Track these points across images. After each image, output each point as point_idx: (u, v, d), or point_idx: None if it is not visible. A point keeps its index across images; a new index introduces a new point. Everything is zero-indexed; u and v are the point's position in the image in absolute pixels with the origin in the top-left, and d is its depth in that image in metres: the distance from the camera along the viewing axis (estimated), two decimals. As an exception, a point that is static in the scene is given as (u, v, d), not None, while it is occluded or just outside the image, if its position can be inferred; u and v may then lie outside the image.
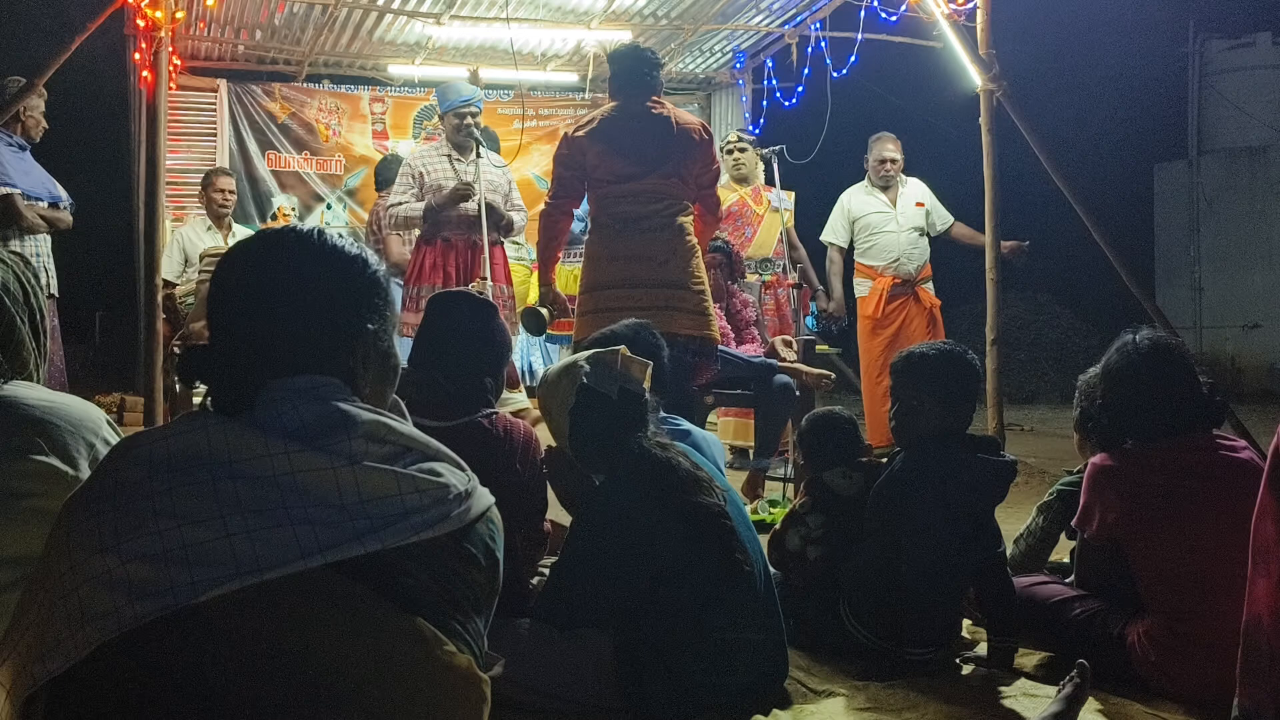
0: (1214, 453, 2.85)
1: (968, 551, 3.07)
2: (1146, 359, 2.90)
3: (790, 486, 5.64)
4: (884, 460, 3.36)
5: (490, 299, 4.54)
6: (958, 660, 3.14)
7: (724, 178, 7.26)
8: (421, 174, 6.27)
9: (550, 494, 3.24)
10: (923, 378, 3.19)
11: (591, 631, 2.68)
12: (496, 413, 3.18)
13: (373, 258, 1.59)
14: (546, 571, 3.24)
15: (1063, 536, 3.45)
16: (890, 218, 7.28)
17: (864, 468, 3.41)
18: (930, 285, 7.39)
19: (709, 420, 7.81)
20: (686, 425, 3.34)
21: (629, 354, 2.89)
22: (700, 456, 2.99)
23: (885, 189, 7.34)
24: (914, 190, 7.38)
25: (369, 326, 1.54)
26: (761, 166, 7.19)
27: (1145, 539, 2.84)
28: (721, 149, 7.14)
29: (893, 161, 7.32)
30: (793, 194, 7.48)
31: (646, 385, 2.91)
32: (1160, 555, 2.82)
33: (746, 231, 7.01)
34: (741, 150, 7.14)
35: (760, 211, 7.04)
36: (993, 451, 3.17)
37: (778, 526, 3.45)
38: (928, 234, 7.39)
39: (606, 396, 2.79)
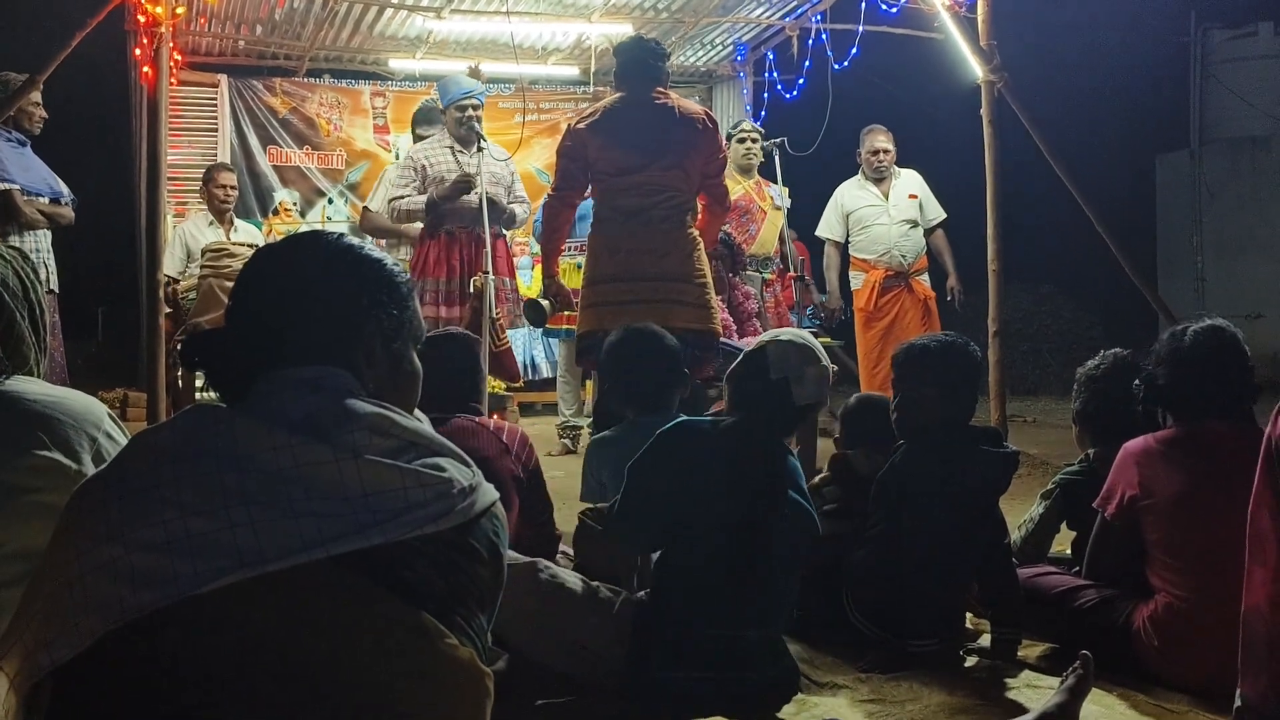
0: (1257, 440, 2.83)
1: (970, 542, 3.08)
2: (1211, 338, 2.90)
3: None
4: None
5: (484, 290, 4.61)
6: (961, 652, 3.15)
7: (728, 167, 7.26)
8: (424, 166, 6.27)
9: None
10: (924, 369, 3.20)
11: (619, 592, 2.76)
12: (483, 414, 3.40)
13: (392, 263, 1.62)
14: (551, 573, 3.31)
15: (1063, 528, 3.45)
16: (882, 210, 7.28)
17: (886, 451, 3.42)
18: (925, 277, 7.39)
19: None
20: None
21: (828, 376, 2.97)
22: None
23: (878, 181, 7.34)
24: (908, 182, 7.37)
25: (375, 321, 1.55)
26: (761, 159, 7.18)
27: (1167, 516, 2.83)
28: (731, 137, 7.10)
29: (885, 152, 7.31)
30: (786, 189, 7.47)
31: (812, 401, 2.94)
32: (1179, 533, 2.81)
33: (751, 228, 6.98)
34: (754, 140, 7.09)
35: (765, 207, 7.02)
36: (995, 443, 3.17)
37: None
38: (922, 227, 7.39)
39: (765, 374, 2.83)
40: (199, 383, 6.45)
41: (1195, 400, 2.89)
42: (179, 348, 1.48)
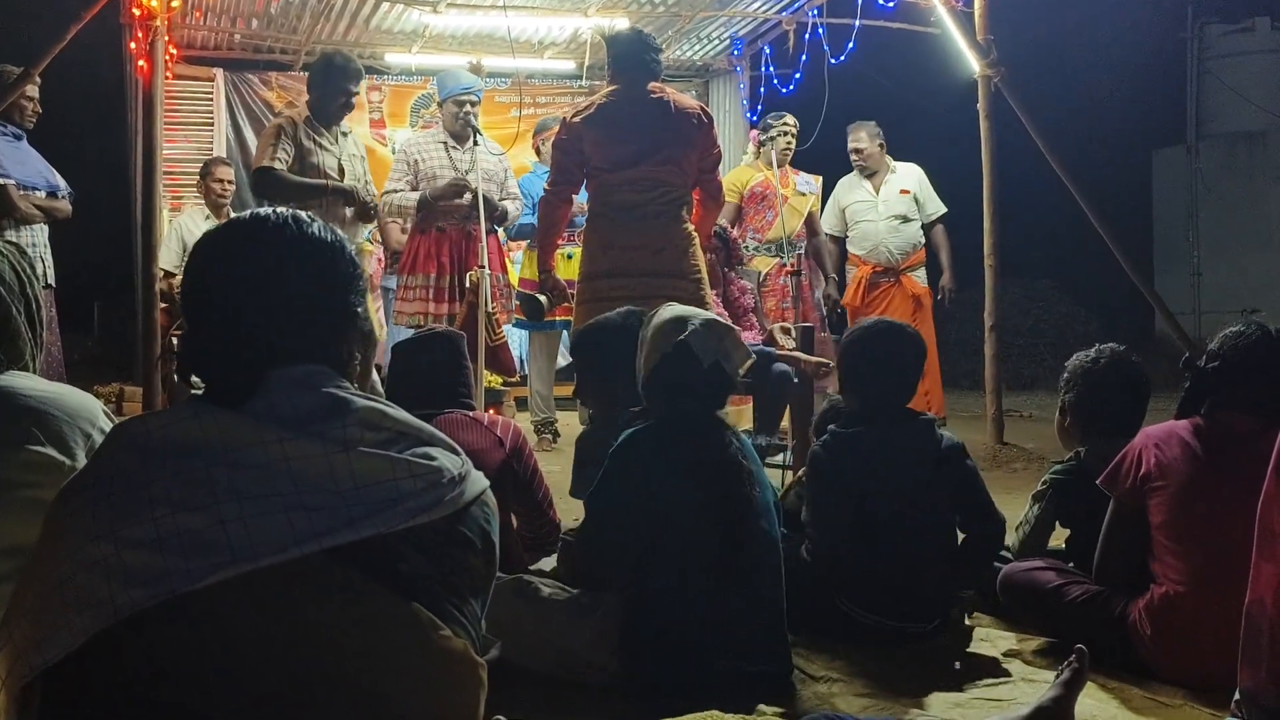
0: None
1: (931, 518, 3.15)
2: (1269, 339, 2.89)
3: (789, 474, 5.65)
4: None
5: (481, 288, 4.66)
6: (959, 650, 3.15)
7: (748, 157, 7.30)
8: (416, 161, 6.25)
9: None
10: (866, 350, 3.31)
11: (601, 598, 2.76)
12: (476, 409, 3.44)
13: (345, 239, 1.59)
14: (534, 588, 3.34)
15: (1057, 525, 3.44)
16: (871, 206, 7.29)
17: None
18: (920, 273, 7.33)
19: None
20: None
21: (740, 339, 2.97)
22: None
23: (871, 176, 7.33)
24: (903, 178, 7.33)
25: (358, 310, 1.54)
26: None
27: (1175, 499, 2.81)
28: (771, 128, 7.08)
29: (857, 152, 7.31)
30: (819, 179, 7.46)
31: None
32: (1184, 519, 2.80)
33: (768, 215, 6.98)
34: (793, 134, 7.08)
35: (786, 194, 7.01)
36: (912, 419, 3.26)
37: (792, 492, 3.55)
38: (921, 222, 7.35)
39: (698, 361, 2.82)
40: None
41: (1237, 395, 2.88)
42: (178, 366, 1.43)
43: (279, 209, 1.58)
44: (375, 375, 1.67)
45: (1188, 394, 2.99)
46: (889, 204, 7.26)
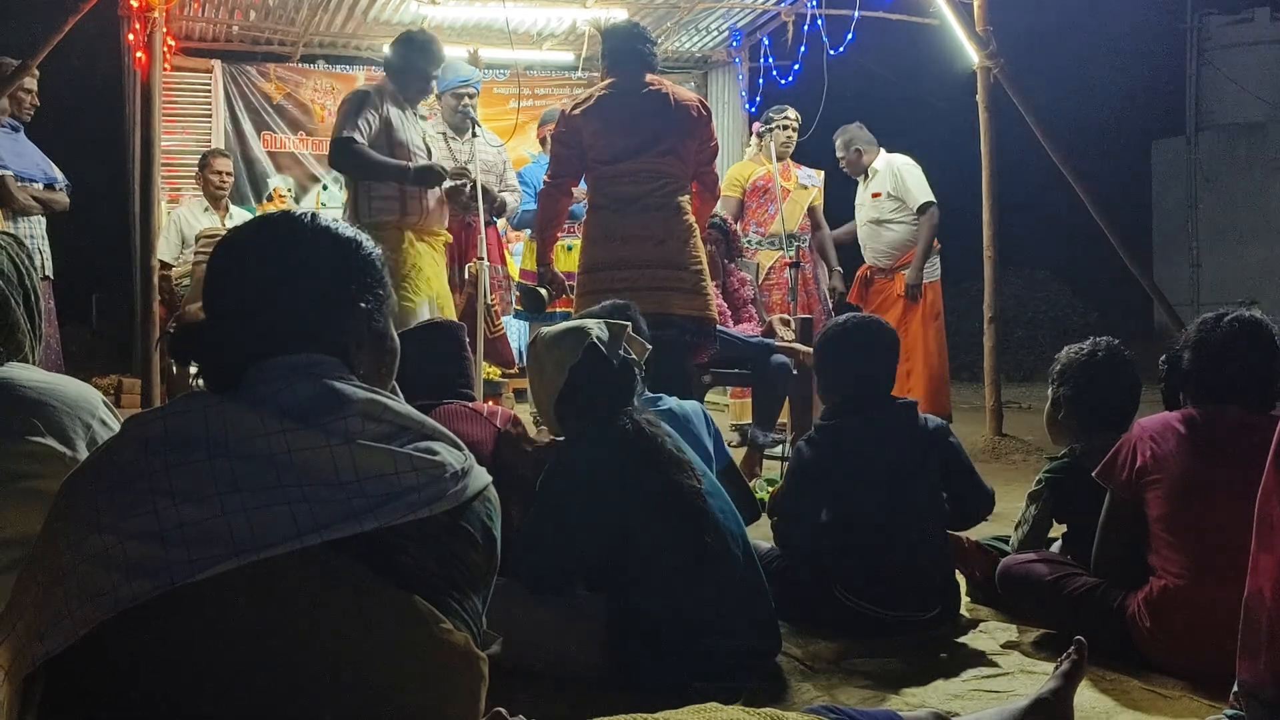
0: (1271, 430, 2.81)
1: (920, 502, 3.18)
2: (1242, 327, 2.88)
3: (788, 465, 5.66)
4: None
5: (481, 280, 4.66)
6: (957, 639, 3.15)
7: (750, 151, 7.30)
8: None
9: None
10: (823, 349, 3.39)
11: (587, 596, 2.77)
12: (476, 400, 3.46)
13: (367, 241, 1.60)
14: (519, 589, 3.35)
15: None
16: (858, 208, 7.29)
17: None
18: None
19: (721, 402, 7.83)
20: (668, 403, 3.40)
21: (632, 333, 3.01)
22: (697, 429, 3.18)
23: (864, 179, 7.27)
24: (878, 180, 7.18)
25: (361, 305, 1.55)
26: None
27: (1172, 493, 2.81)
28: (772, 121, 7.05)
29: (840, 158, 7.30)
30: (822, 173, 7.44)
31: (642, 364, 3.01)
32: (1181, 512, 2.80)
33: (770, 208, 6.97)
34: (795, 129, 7.06)
35: (788, 187, 7.00)
36: (892, 404, 3.31)
37: (780, 484, 3.55)
38: (908, 217, 7.24)
39: (609, 362, 2.86)
40: (193, 369, 6.43)
41: (1214, 384, 2.88)
42: (171, 342, 1.47)
43: (300, 210, 1.62)
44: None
45: (1167, 387, 3.01)
46: (863, 208, 7.24)
